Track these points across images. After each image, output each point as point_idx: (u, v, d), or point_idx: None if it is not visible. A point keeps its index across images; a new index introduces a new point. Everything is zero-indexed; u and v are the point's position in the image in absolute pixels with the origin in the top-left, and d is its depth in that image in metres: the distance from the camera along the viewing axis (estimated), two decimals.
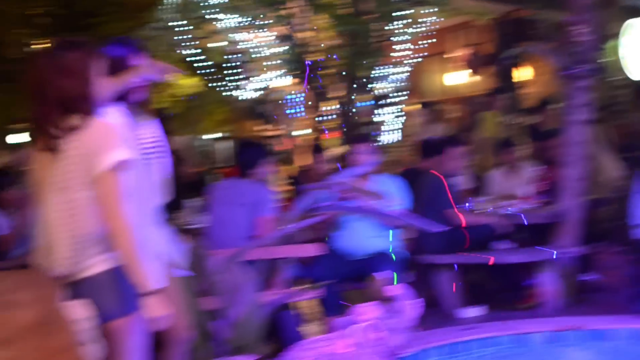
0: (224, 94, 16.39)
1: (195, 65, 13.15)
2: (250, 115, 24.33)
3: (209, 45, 12.22)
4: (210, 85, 16.31)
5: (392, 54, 12.69)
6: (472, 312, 7.81)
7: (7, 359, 2.14)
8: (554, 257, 7.72)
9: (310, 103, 12.73)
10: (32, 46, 24.11)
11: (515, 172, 9.66)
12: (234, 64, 13.59)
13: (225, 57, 11.95)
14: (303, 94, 15.27)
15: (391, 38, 11.71)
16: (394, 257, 7.12)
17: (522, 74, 15.96)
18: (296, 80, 12.20)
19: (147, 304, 3.49)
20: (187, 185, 10.52)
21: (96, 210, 3.51)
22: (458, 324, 7.21)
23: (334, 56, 11.98)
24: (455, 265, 7.95)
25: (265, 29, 11.48)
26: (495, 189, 9.54)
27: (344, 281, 7.29)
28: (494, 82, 15.18)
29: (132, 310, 3.52)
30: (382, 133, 12.97)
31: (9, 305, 2.88)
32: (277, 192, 13.18)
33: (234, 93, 15.47)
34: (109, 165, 3.45)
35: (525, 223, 8.34)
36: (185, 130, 29.84)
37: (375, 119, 11.98)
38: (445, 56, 17.97)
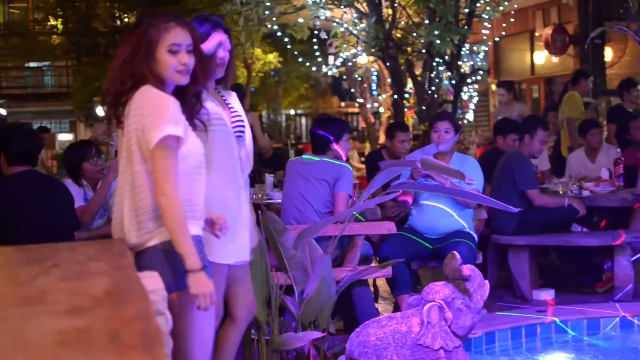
0: (304, 69, 16.45)
1: (278, 41, 13.19)
2: (330, 92, 24.35)
3: (294, 20, 12.23)
4: (291, 61, 16.37)
5: (476, 32, 12.60)
6: (546, 294, 7.77)
7: (82, 327, 2.19)
8: (630, 241, 7.62)
9: (390, 81, 12.71)
10: (121, 19, 24.48)
11: (597, 154, 9.57)
12: (316, 40, 13.61)
13: (308, 33, 11.94)
14: (384, 72, 15.27)
15: (475, 16, 11.60)
16: (469, 237, 7.11)
17: (608, 54, 15.73)
18: (377, 57, 12.16)
19: (191, 281, 3.53)
20: (266, 160, 10.62)
21: (150, 183, 3.57)
22: (530, 306, 7.20)
23: (416, 34, 11.94)
24: (531, 247, 7.91)
25: (349, 5, 11.45)
26: (576, 171, 9.46)
27: (418, 260, 7.31)
28: (579, 62, 14.99)
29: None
30: (463, 111, 12.91)
31: (84, 275, 2.95)
32: (355, 170, 13.22)
33: (315, 69, 15.52)
34: (156, 142, 3.48)
35: (603, 205, 8.27)
36: (265, 105, 30.05)
37: (457, 97, 11.90)
38: (531, 34, 17.76)
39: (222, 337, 4.73)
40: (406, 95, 12.68)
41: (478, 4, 11.40)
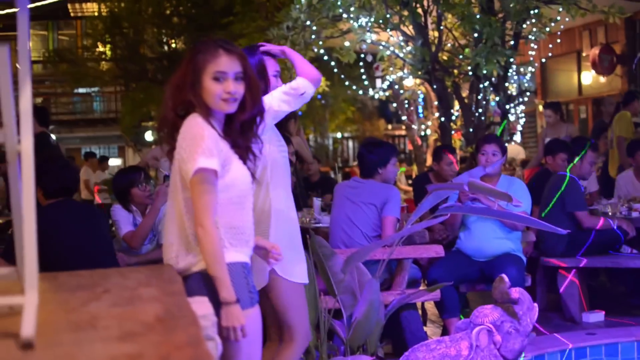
0: (350, 92, 16.48)
1: (325, 64, 13.23)
2: (377, 115, 24.35)
3: (340, 44, 12.27)
4: (338, 84, 16.41)
5: (522, 54, 12.56)
6: (595, 317, 7.70)
7: (133, 352, 2.22)
8: None
9: (437, 103, 12.70)
10: (168, 45, 24.72)
11: None
12: (362, 64, 13.65)
13: (354, 56, 11.97)
14: (431, 94, 15.26)
15: (522, 37, 11.56)
16: (518, 259, 7.07)
17: None
18: (424, 80, 12.17)
19: (224, 313, 3.54)
20: (314, 184, 10.64)
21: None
22: (580, 329, 7.13)
23: (462, 56, 11.92)
24: (579, 269, 7.84)
25: (395, 29, 11.47)
26: (624, 192, 9.37)
27: (466, 283, 7.28)
28: (627, 82, 14.87)
29: (243, 306, 3.58)
30: (510, 133, 12.85)
31: (134, 300, 2.98)
32: (402, 192, 13.19)
33: (362, 92, 15.56)
34: (192, 174, 3.50)
35: None
36: (312, 128, 30.11)
37: (504, 119, 11.85)
38: (578, 55, 17.66)
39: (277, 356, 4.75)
40: (453, 118, 12.65)
41: (524, 25, 11.36)
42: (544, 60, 16.76)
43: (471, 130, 11.58)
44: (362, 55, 13.24)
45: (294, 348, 4.75)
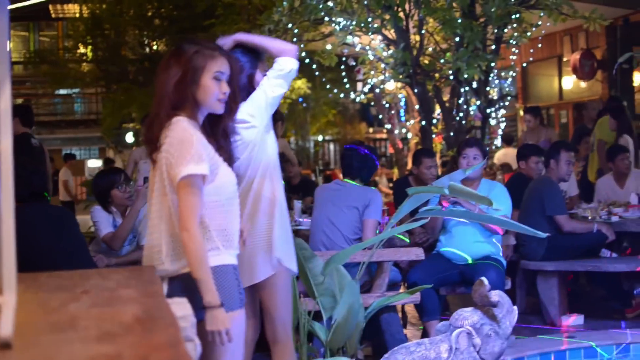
0: (332, 95, 16.49)
1: (306, 67, 13.23)
2: (359, 118, 24.36)
3: (322, 47, 12.28)
4: (319, 87, 16.41)
5: (503, 58, 12.61)
6: (575, 320, 7.73)
7: (112, 353, 2.21)
8: None
9: (418, 107, 12.73)
10: (150, 47, 24.69)
11: (626, 179, 9.53)
12: (343, 67, 13.65)
13: (336, 59, 11.99)
14: (412, 98, 15.29)
15: (503, 41, 11.61)
16: (498, 262, 7.09)
17: (637, 78, 15.67)
18: (405, 83, 12.19)
19: (209, 317, 3.54)
20: (294, 187, 10.63)
21: None
22: (560, 332, 7.16)
23: (443, 60, 11.96)
24: (560, 272, 7.88)
25: (376, 32, 11.49)
26: (604, 196, 9.42)
27: (446, 285, 7.30)
28: (607, 87, 14.95)
29: (229, 309, 3.60)
30: (490, 137, 12.89)
31: (114, 301, 2.97)
32: (383, 195, 13.20)
33: (343, 96, 15.58)
34: (180, 179, 3.50)
35: (632, 231, 8.24)
36: (294, 131, 30.12)
37: (485, 123, 11.89)
38: (559, 60, 17.74)
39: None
40: (434, 122, 12.68)
41: (505, 30, 11.40)
42: (525, 64, 16.83)
43: (452, 134, 11.62)
44: (344, 59, 13.25)
45: (291, 347, 4.76)
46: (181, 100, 3.67)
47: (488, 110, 11.75)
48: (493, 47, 11.39)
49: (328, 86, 18.38)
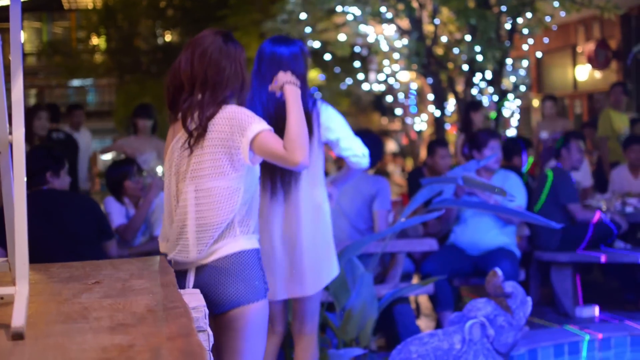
0: (344, 86, 16.44)
1: (320, 58, 13.23)
2: (372, 109, 24.30)
3: (334, 38, 12.27)
4: (332, 78, 16.36)
5: (517, 48, 12.56)
6: (588, 311, 7.70)
7: (124, 343, 2.21)
8: None
9: (432, 97, 12.70)
10: (163, 38, 24.67)
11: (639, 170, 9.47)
12: (357, 57, 13.63)
13: (349, 50, 11.97)
14: (425, 88, 15.26)
15: (517, 31, 11.56)
16: (512, 253, 7.07)
17: None
18: (419, 74, 12.16)
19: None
20: None
21: (223, 200, 3.56)
22: (573, 323, 7.13)
23: (456, 50, 11.92)
24: (574, 263, 7.85)
25: (390, 22, 11.46)
26: (619, 187, 9.37)
27: (460, 276, 7.28)
28: (622, 77, 14.87)
29: (255, 299, 3.57)
30: (505, 127, 12.85)
31: (127, 292, 2.97)
32: (397, 187, 13.17)
33: (357, 86, 15.56)
34: (256, 133, 3.52)
35: None
36: None
37: (499, 113, 11.85)
38: (574, 50, 17.65)
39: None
40: (448, 112, 12.64)
41: (519, 20, 11.36)
42: (539, 55, 16.75)
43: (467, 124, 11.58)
44: (359, 49, 13.23)
45: (316, 340, 4.78)
46: (234, 91, 3.71)
47: (502, 101, 11.71)
48: (507, 37, 11.35)
49: (341, 77, 18.32)
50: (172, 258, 3.68)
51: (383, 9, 11.16)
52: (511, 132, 13.28)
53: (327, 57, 13.31)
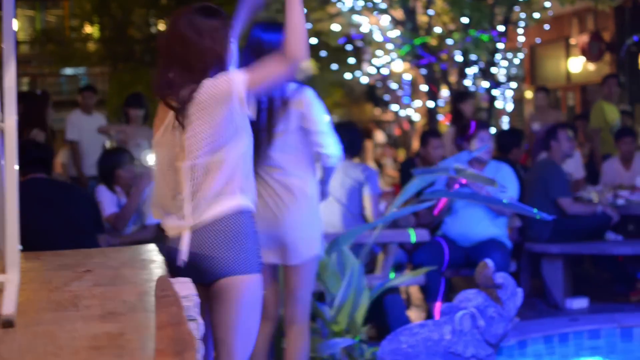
0: (337, 76, 16.41)
1: (313, 48, 13.20)
2: (365, 99, 24.28)
3: (328, 28, 12.26)
4: (326, 68, 16.32)
5: (511, 39, 12.56)
6: (579, 303, 7.72)
7: (114, 331, 2.22)
8: None
9: (425, 88, 12.70)
10: (156, 26, 24.61)
11: (631, 162, 9.49)
12: (350, 47, 13.62)
13: (342, 40, 11.97)
14: (418, 79, 15.26)
15: (511, 23, 11.57)
16: (503, 245, 7.08)
17: None
18: (412, 64, 12.16)
19: None
20: None
21: (216, 173, 3.47)
22: (564, 315, 7.16)
23: (450, 41, 11.92)
24: (565, 255, 7.87)
25: (383, 13, 11.46)
26: (610, 179, 9.38)
27: (451, 267, 7.29)
28: (614, 70, 14.88)
29: (248, 271, 3.49)
30: (498, 118, 12.86)
31: (117, 280, 2.98)
32: (389, 178, 13.19)
33: (349, 76, 15.54)
34: (241, 88, 3.49)
35: (638, 214, 8.23)
36: None
37: (492, 104, 11.87)
38: (567, 42, 17.65)
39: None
40: (441, 103, 12.65)
41: (513, 11, 11.36)
42: (532, 46, 16.76)
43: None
44: (351, 39, 13.22)
45: (307, 329, 4.78)
46: (211, 65, 3.59)
47: (495, 92, 11.72)
48: (501, 28, 11.35)
49: (334, 67, 18.30)
50: (167, 222, 3.58)
51: None
52: (504, 124, 13.30)
53: (323, 53, 13.28)
